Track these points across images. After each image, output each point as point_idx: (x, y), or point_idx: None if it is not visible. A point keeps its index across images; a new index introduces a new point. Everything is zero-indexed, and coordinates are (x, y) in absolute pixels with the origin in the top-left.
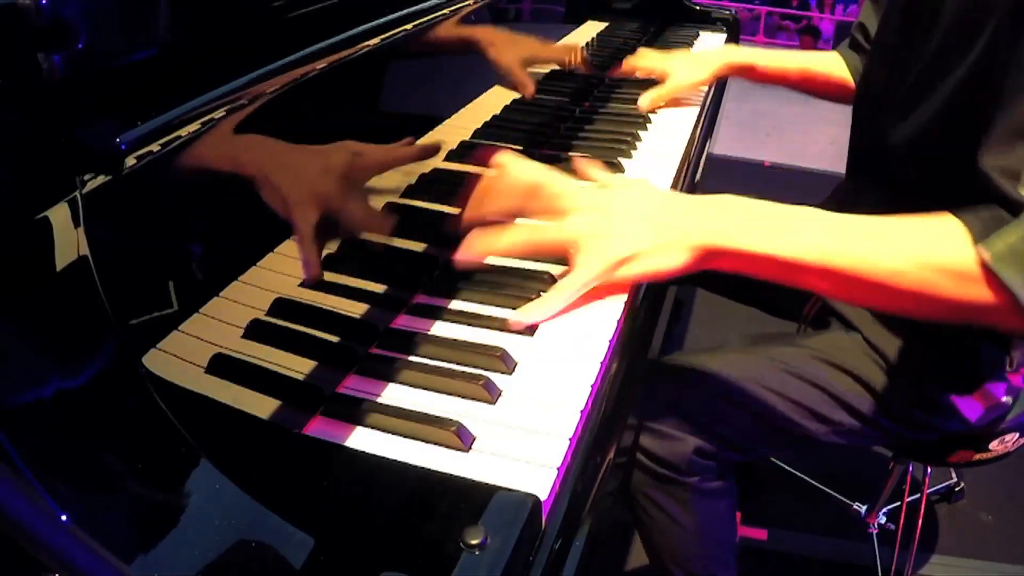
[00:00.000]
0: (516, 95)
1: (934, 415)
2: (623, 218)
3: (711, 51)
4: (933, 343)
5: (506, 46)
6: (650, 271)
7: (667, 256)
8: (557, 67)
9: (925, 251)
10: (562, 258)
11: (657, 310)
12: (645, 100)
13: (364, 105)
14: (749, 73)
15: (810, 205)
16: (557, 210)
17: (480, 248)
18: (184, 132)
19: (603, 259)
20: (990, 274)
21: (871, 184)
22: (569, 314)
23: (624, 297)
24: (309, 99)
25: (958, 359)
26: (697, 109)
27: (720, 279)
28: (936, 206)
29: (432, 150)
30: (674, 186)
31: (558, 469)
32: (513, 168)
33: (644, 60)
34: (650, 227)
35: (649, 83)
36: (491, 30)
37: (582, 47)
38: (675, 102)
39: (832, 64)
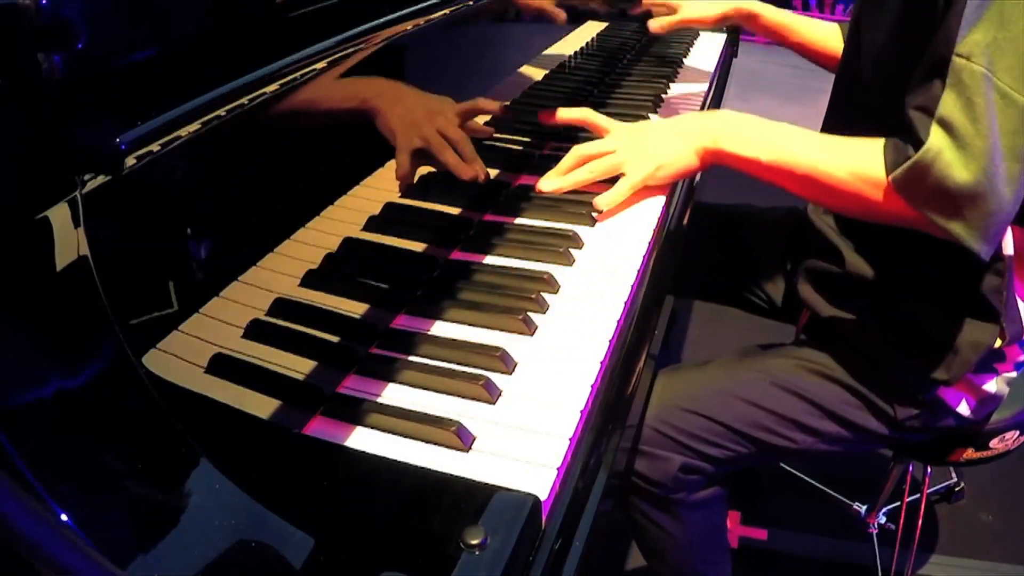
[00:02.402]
0: (516, 94)
1: (923, 412)
2: (652, 139)
3: None
4: (913, 335)
5: None
6: (680, 169)
7: (687, 157)
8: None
9: (856, 164)
10: (562, 262)
11: (656, 311)
12: (656, 23)
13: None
14: (753, 21)
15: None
16: (607, 148)
17: (557, 184)
18: (184, 132)
19: (645, 168)
20: (898, 194)
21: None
22: (569, 314)
23: (624, 297)
24: (309, 98)
25: (938, 349)
26: (698, 107)
27: (715, 288)
28: None
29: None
30: (674, 186)
31: (558, 469)
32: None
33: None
34: (670, 140)
35: (652, 75)
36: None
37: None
38: (676, 101)
39: (829, 34)
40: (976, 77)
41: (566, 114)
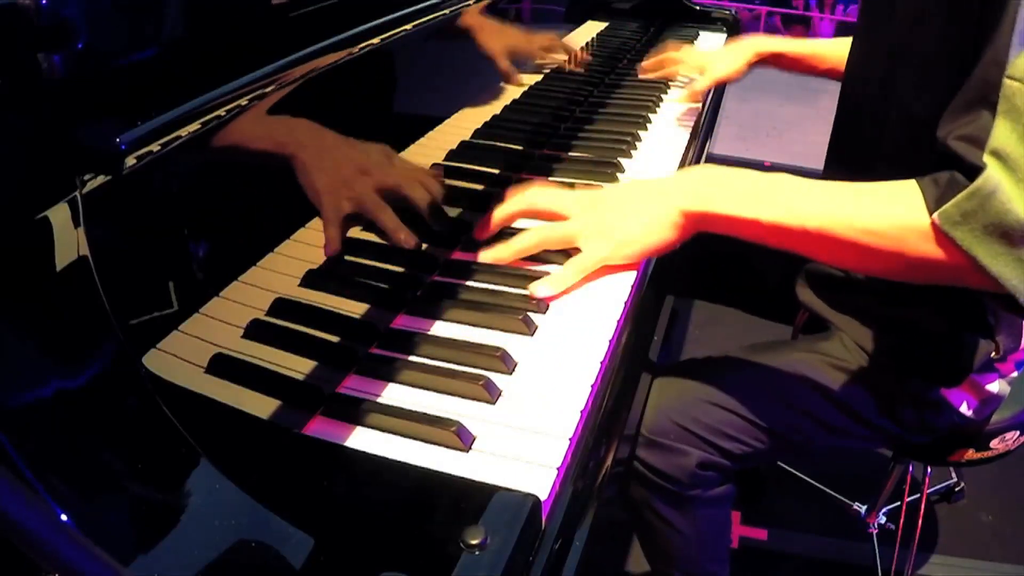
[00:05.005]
0: (516, 95)
1: (925, 412)
2: (616, 209)
3: (740, 43)
4: (913, 338)
5: (503, 37)
6: (649, 247)
7: (661, 230)
8: (558, 65)
9: (892, 211)
10: (563, 261)
11: (656, 312)
12: (685, 95)
13: (364, 105)
14: (778, 61)
15: None
16: (560, 217)
17: (500, 254)
18: (184, 132)
19: (605, 245)
20: (944, 235)
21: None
22: (569, 315)
23: (624, 298)
24: (309, 99)
25: (938, 352)
26: (698, 109)
27: (716, 287)
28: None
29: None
30: None
31: (558, 469)
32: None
33: (683, 63)
34: (640, 208)
35: (650, 83)
36: (491, 23)
37: (580, 48)
38: (676, 101)
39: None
40: None
41: (503, 211)
